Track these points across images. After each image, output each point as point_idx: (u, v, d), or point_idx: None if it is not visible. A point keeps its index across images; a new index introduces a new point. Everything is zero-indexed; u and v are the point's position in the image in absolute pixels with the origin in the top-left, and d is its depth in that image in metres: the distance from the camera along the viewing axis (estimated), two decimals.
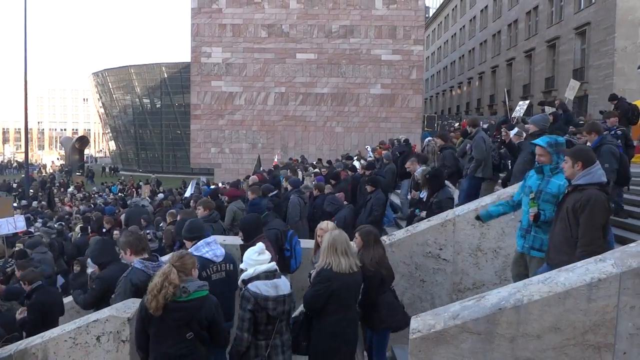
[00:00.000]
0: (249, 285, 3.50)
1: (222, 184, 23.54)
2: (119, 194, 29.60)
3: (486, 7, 41.64)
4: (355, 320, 4.09)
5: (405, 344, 3.33)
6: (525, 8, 34.05)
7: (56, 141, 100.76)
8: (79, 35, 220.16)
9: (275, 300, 3.49)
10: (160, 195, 22.35)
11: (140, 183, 34.66)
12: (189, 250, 4.05)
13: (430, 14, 60.86)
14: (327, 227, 4.53)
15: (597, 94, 24.99)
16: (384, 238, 5.56)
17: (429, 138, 12.34)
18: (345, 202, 7.98)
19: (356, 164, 11.99)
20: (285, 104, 32.13)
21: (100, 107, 59.27)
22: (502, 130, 7.48)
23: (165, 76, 48.80)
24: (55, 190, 32.02)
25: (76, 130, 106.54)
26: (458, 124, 24.09)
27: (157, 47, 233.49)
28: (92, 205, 22.83)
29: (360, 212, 7.70)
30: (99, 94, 57.43)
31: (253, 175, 11.71)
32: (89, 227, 12.04)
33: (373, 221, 6.87)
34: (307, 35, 31.83)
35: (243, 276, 3.61)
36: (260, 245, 3.75)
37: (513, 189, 5.19)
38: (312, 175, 11.69)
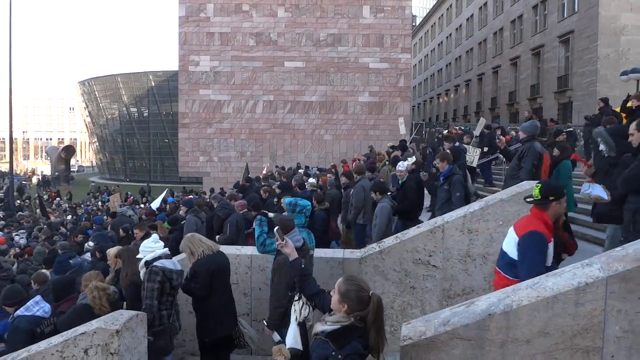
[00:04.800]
0: (156, 262, 4.30)
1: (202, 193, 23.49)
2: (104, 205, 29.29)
3: (472, 15, 42.18)
4: (231, 296, 4.76)
5: (397, 351, 3.33)
6: (510, 17, 34.54)
7: (41, 151, 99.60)
8: (65, 44, 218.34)
9: (177, 273, 4.42)
10: (149, 205, 22.18)
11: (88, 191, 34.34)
12: (15, 314, 4.59)
13: (417, 23, 61.49)
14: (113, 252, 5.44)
15: (581, 101, 25.38)
16: (373, 245, 5.58)
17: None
18: (243, 211, 8.16)
19: (312, 181, 11.03)
20: (273, 112, 32.14)
21: (87, 116, 58.83)
22: (497, 137, 7.66)
23: (153, 85, 48.62)
24: (36, 201, 31.60)
25: (62, 139, 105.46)
26: (446, 130, 24.25)
27: (144, 56, 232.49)
28: (75, 216, 22.67)
29: None
30: (86, 103, 57.02)
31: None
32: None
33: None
34: (295, 43, 31.95)
35: (145, 259, 4.38)
36: (155, 235, 4.69)
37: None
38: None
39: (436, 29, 53.41)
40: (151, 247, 4.47)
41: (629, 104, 9.18)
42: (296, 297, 3.84)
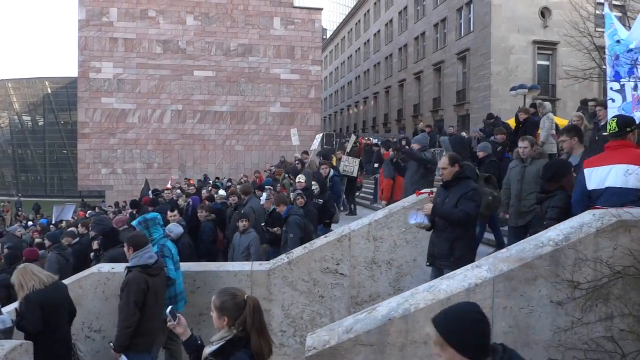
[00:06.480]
0: None
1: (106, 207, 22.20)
2: None
3: (379, 31, 44.03)
4: (68, 329, 4.38)
5: None
6: (413, 34, 36.52)
7: None
8: None
9: (3, 332, 3.97)
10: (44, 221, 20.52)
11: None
12: None
13: (328, 36, 63.04)
14: None
15: (477, 114, 27.34)
16: (282, 256, 5.56)
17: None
18: (122, 227, 7.64)
19: (222, 192, 10.88)
20: (182, 122, 31.19)
21: None
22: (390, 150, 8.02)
23: (49, 91, 45.26)
24: None
25: None
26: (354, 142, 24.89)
27: (41, 61, 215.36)
28: None
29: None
30: None
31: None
32: None
33: None
34: (204, 52, 31.34)
35: None
36: None
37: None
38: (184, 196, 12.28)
39: (346, 43, 55.06)
40: None
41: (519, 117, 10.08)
42: None
